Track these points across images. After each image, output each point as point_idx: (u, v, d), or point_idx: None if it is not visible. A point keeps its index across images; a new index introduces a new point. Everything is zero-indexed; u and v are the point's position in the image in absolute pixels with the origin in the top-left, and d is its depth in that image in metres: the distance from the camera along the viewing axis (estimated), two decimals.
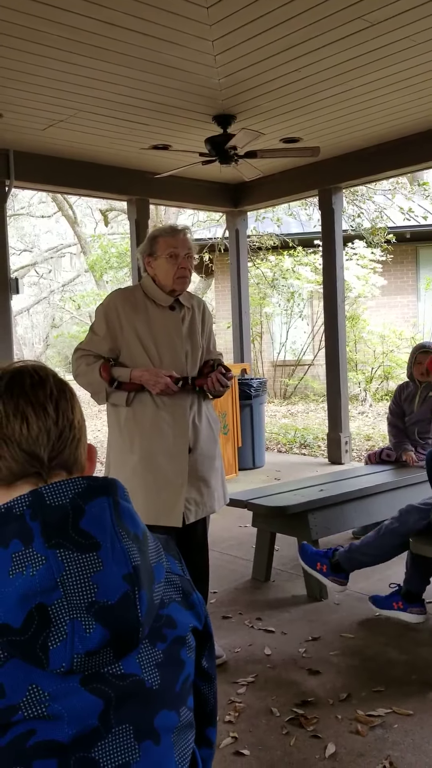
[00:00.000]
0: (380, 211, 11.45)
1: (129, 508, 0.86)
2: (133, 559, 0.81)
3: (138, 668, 0.83)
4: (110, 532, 0.81)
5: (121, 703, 0.80)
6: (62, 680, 0.77)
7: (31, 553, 0.77)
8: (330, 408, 7.05)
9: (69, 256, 21.57)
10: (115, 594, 0.78)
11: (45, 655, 0.75)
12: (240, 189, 7.43)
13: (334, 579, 3.26)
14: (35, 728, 0.75)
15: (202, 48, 3.90)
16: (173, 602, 0.91)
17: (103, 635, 0.77)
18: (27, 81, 4.29)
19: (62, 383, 0.93)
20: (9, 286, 5.82)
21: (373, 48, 4.02)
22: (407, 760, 2.19)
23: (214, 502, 2.81)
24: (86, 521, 0.80)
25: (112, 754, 0.79)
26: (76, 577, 0.77)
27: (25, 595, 0.75)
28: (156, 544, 0.91)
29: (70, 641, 0.75)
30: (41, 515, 0.79)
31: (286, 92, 4.70)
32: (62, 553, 0.77)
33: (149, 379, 2.65)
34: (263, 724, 2.43)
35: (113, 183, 6.44)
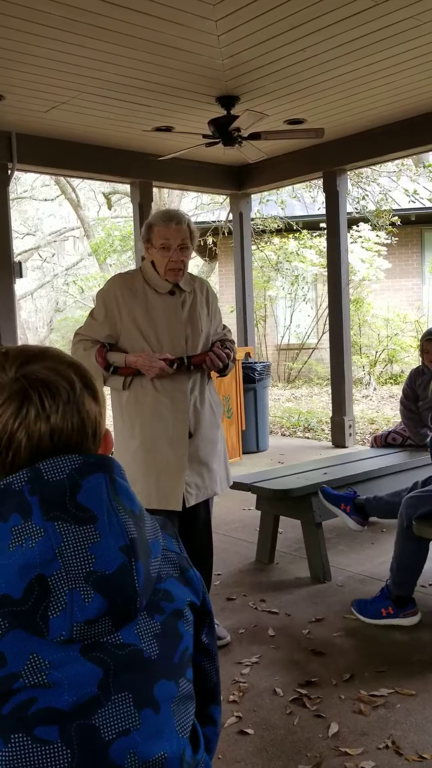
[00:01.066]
0: (385, 193, 11.37)
1: (125, 486, 0.87)
2: (130, 532, 0.83)
3: (137, 638, 0.85)
4: (107, 505, 0.83)
5: (120, 671, 0.82)
6: (62, 649, 0.79)
7: (30, 526, 0.79)
8: (334, 391, 7.05)
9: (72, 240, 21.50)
10: (113, 564, 0.80)
11: (45, 624, 0.77)
12: (244, 171, 7.38)
13: (357, 519, 3.41)
14: (36, 696, 0.77)
15: (205, 28, 3.86)
16: (170, 578, 0.93)
17: (101, 604, 0.79)
18: (29, 62, 4.25)
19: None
20: (12, 270, 5.81)
21: (378, 28, 3.97)
22: (409, 739, 2.22)
23: (216, 485, 2.83)
24: (83, 495, 0.82)
25: (112, 721, 0.81)
26: (74, 548, 0.79)
27: (25, 566, 0.77)
28: (153, 522, 0.92)
29: (69, 610, 0.78)
30: (39, 490, 0.81)
31: (291, 73, 4.65)
32: (60, 526, 0.79)
33: (143, 363, 2.64)
34: (267, 703, 2.46)
35: (116, 165, 6.41)
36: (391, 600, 3.01)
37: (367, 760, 2.11)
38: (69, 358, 0.93)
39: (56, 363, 0.90)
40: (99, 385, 0.95)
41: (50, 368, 0.89)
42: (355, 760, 2.12)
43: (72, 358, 0.93)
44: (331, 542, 4.06)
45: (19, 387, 0.86)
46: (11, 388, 0.86)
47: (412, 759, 2.12)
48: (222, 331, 2.97)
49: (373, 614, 3.03)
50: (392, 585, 3.03)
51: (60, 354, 0.93)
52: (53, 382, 0.88)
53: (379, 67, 4.61)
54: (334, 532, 4.29)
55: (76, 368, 0.92)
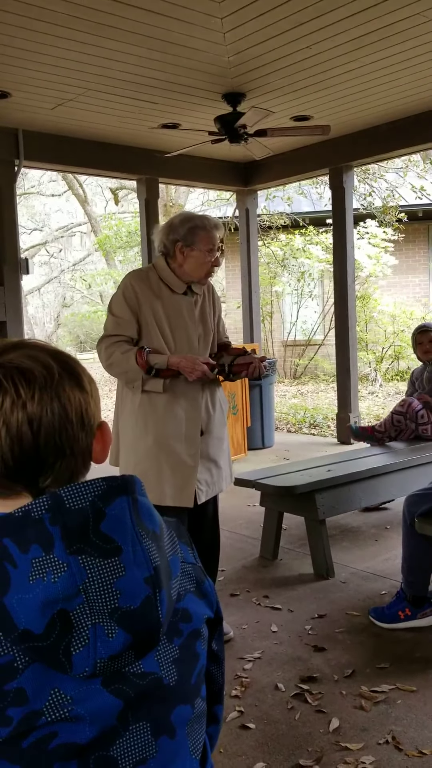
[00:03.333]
0: (392, 189, 11.34)
1: (147, 504, 0.84)
2: (154, 560, 0.80)
3: (156, 666, 0.83)
4: (131, 534, 0.79)
5: (139, 701, 0.81)
6: (84, 683, 0.77)
7: (52, 559, 0.75)
8: (340, 388, 7.05)
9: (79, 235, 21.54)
10: (138, 598, 0.78)
11: (68, 660, 0.75)
12: (250, 168, 7.38)
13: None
14: (57, 731, 0.75)
15: (211, 25, 3.86)
16: (188, 593, 0.91)
17: (125, 639, 0.77)
18: (35, 60, 4.27)
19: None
20: (19, 266, 5.84)
21: (384, 24, 3.97)
22: (409, 735, 2.23)
23: (223, 482, 2.88)
24: (107, 524, 0.78)
25: (129, 752, 0.80)
26: (99, 583, 0.76)
27: (47, 601, 0.74)
28: (170, 534, 0.89)
29: (93, 646, 0.75)
30: (61, 519, 0.77)
31: (297, 70, 4.65)
32: (84, 560, 0.76)
33: (186, 365, 2.65)
34: (269, 698, 2.48)
35: (123, 162, 6.42)
36: (408, 601, 2.99)
37: (367, 755, 2.13)
38: (49, 347, 0.90)
39: (33, 350, 0.87)
40: (83, 371, 0.91)
41: (26, 355, 0.86)
42: (356, 755, 2.14)
43: (53, 347, 0.90)
44: (334, 539, 4.08)
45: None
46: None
47: (412, 754, 2.14)
48: (224, 334, 3.01)
49: (392, 619, 2.99)
50: (406, 586, 3.02)
51: (39, 343, 0.90)
52: (28, 368, 0.84)
53: (385, 63, 4.60)
54: (338, 529, 4.31)
55: (55, 354, 0.89)
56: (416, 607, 2.98)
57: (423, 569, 3.01)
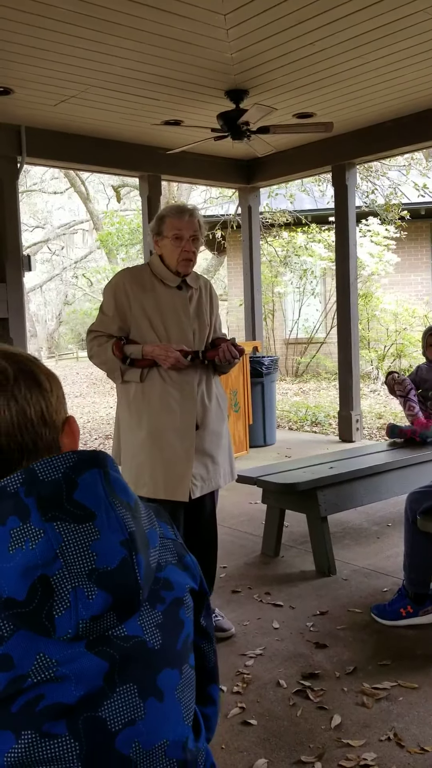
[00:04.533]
0: (394, 187, 11.32)
1: (119, 478, 0.88)
2: (128, 526, 0.84)
3: (140, 630, 0.86)
4: (104, 501, 0.83)
5: (125, 663, 0.84)
6: (68, 646, 0.80)
7: (29, 527, 0.79)
8: (341, 386, 7.05)
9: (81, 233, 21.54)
10: (114, 559, 0.81)
11: (51, 624, 0.78)
12: (252, 165, 7.37)
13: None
14: (43, 693, 0.78)
15: (214, 22, 3.86)
16: (169, 564, 0.95)
17: (105, 600, 0.80)
18: (38, 56, 4.26)
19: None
20: (21, 263, 5.84)
21: (387, 21, 3.96)
22: (411, 731, 2.23)
23: (220, 478, 2.86)
24: (80, 493, 0.82)
25: (118, 713, 0.83)
26: (75, 546, 0.79)
27: (27, 568, 0.77)
28: (147, 512, 0.93)
29: (74, 608, 0.78)
30: (36, 491, 0.81)
31: (300, 66, 4.64)
32: (59, 525, 0.79)
33: (160, 353, 2.68)
34: (270, 695, 2.48)
35: (125, 159, 6.42)
36: (410, 598, 2.98)
37: (368, 752, 2.13)
38: (6, 349, 0.93)
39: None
40: (43, 373, 0.94)
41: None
42: (357, 751, 2.14)
43: (9, 349, 0.94)
44: (336, 536, 4.08)
45: None
46: None
47: (414, 751, 2.13)
48: (221, 331, 3.01)
49: (394, 616, 2.99)
50: (408, 583, 3.01)
51: (3, 348, 0.93)
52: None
53: (388, 60, 4.59)
54: (340, 526, 4.31)
55: (9, 357, 0.92)
56: (418, 605, 2.97)
57: (425, 567, 3.00)
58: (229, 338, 2.91)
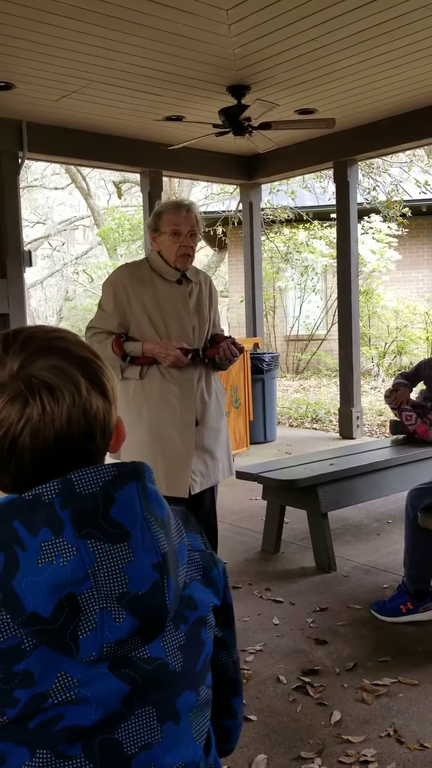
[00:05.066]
0: (396, 184, 11.30)
1: (155, 491, 0.84)
2: (162, 546, 0.81)
3: (163, 652, 0.84)
4: (140, 519, 0.80)
5: (146, 687, 0.81)
6: (91, 667, 0.78)
7: (62, 543, 0.75)
8: (342, 383, 7.05)
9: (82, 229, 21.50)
10: (145, 584, 0.78)
11: (75, 644, 0.75)
12: (254, 161, 7.36)
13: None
14: (63, 713, 0.76)
15: (216, 17, 3.85)
16: (194, 581, 0.91)
17: (132, 624, 0.77)
18: (39, 51, 4.25)
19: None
20: (22, 259, 5.83)
21: (390, 17, 3.94)
22: (411, 728, 2.24)
23: (219, 474, 2.87)
24: (116, 509, 0.79)
25: (135, 736, 0.80)
26: (107, 568, 0.76)
27: (56, 585, 0.74)
28: (177, 522, 0.89)
29: (100, 630, 0.76)
30: (71, 504, 0.77)
31: (302, 62, 4.63)
32: (93, 544, 0.76)
33: (160, 351, 2.68)
34: (270, 691, 2.49)
35: (126, 155, 6.40)
36: (410, 595, 2.98)
37: (368, 748, 2.13)
38: (77, 351, 0.86)
39: (61, 360, 0.83)
40: (108, 379, 0.88)
41: (53, 367, 0.82)
42: (357, 747, 2.14)
43: (81, 350, 0.87)
44: (336, 533, 4.08)
45: (20, 389, 0.80)
46: (12, 389, 0.80)
47: (414, 748, 2.14)
48: (219, 327, 3.01)
49: (393, 612, 2.99)
50: (408, 580, 3.01)
51: (67, 347, 0.86)
52: (56, 386, 0.81)
53: (390, 57, 4.58)
54: (340, 523, 4.31)
55: (83, 365, 0.85)
56: (418, 601, 2.98)
57: (425, 563, 3.00)
58: (228, 337, 2.91)
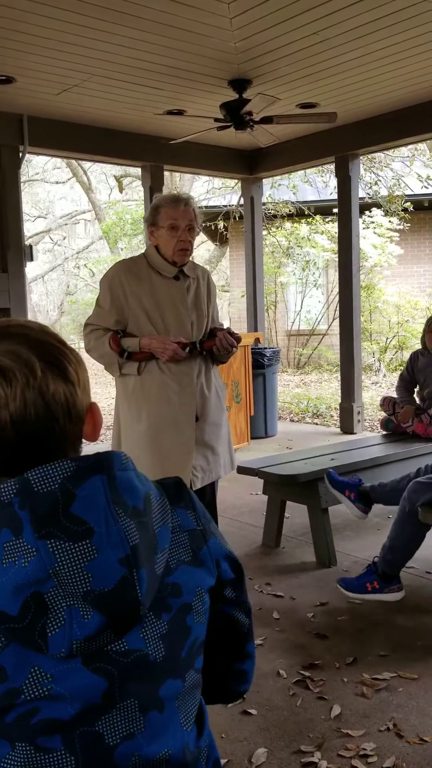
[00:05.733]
0: (398, 178, 11.28)
1: (127, 477, 0.82)
2: (131, 539, 0.78)
3: (142, 643, 0.82)
4: (104, 513, 0.78)
5: (124, 679, 0.80)
6: (64, 662, 0.77)
7: (22, 543, 0.75)
8: (343, 378, 7.05)
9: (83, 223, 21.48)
10: (112, 580, 0.77)
11: (44, 642, 0.75)
12: (255, 155, 7.34)
13: (360, 507, 3.37)
14: (39, 707, 0.76)
15: (217, 11, 3.83)
16: (182, 564, 0.88)
17: (100, 620, 0.76)
18: (40, 45, 4.24)
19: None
20: (23, 253, 5.83)
21: (393, 10, 3.93)
22: (411, 722, 2.24)
23: (220, 468, 2.87)
24: (78, 506, 0.77)
25: (116, 727, 0.80)
26: (69, 567, 0.75)
27: (19, 586, 0.74)
28: (161, 504, 0.87)
29: (68, 627, 0.75)
30: (30, 503, 0.76)
31: (304, 56, 4.61)
32: (53, 544, 0.75)
33: (158, 346, 2.67)
34: (270, 685, 2.50)
35: (127, 149, 6.39)
36: (378, 575, 3.06)
37: (368, 742, 2.14)
38: (35, 336, 0.85)
39: (15, 344, 0.83)
40: (70, 362, 0.87)
41: (6, 351, 0.82)
42: (357, 741, 2.15)
43: (41, 336, 0.86)
44: (337, 527, 4.08)
45: None
46: None
47: (413, 741, 2.15)
48: (217, 320, 3.00)
49: (359, 589, 3.08)
50: (381, 562, 3.07)
51: (23, 332, 0.85)
52: (9, 368, 0.81)
53: (392, 50, 4.56)
54: (341, 518, 4.31)
55: (40, 348, 0.84)
56: (385, 582, 3.04)
57: (404, 553, 3.06)
58: (225, 327, 2.91)
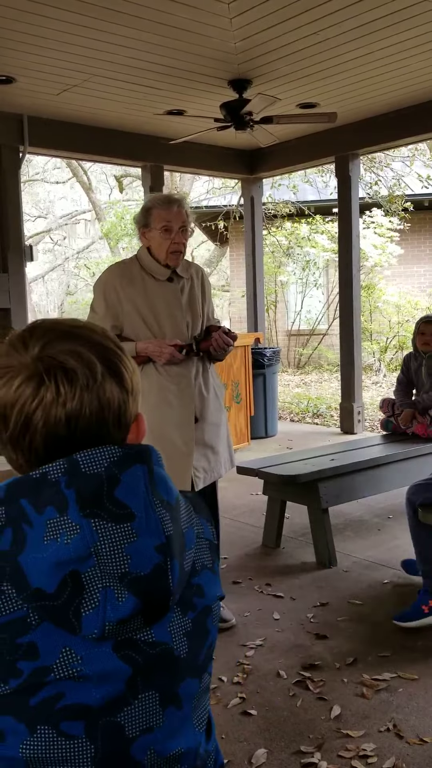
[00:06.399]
0: (398, 178, 11.27)
1: (163, 475, 0.85)
2: (167, 529, 0.82)
3: (169, 636, 0.84)
4: (144, 501, 0.81)
5: (149, 670, 0.82)
6: (95, 645, 0.78)
7: (66, 521, 0.77)
8: (343, 378, 7.04)
9: (84, 223, 21.47)
10: (148, 565, 0.79)
11: (78, 621, 0.77)
12: (255, 155, 7.34)
13: None
14: (64, 691, 0.77)
15: (218, 10, 3.83)
16: (205, 569, 0.92)
17: (135, 604, 0.79)
18: (40, 45, 4.23)
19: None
20: (23, 253, 5.82)
21: (393, 10, 3.92)
22: (411, 722, 2.24)
23: (221, 468, 2.87)
24: (121, 490, 0.80)
25: (137, 719, 0.81)
26: (110, 547, 0.78)
27: (59, 562, 0.76)
28: (187, 508, 0.90)
29: (102, 609, 0.77)
30: (76, 483, 0.79)
31: (304, 56, 4.61)
32: (97, 523, 0.78)
33: (154, 350, 2.66)
34: (271, 685, 2.49)
35: (127, 149, 6.39)
36: (430, 594, 2.88)
37: (368, 743, 2.14)
38: (98, 339, 0.88)
39: (79, 345, 0.86)
40: (128, 370, 0.90)
41: (71, 351, 0.85)
42: (357, 742, 2.15)
43: (103, 340, 0.89)
44: (337, 528, 4.08)
45: (37, 369, 0.83)
46: (29, 369, 0.83)
47: (413, 742, 2.15)
48: (213, 317, 2.99)
49: (415, 615, 2.86)
50: (424, 577, 2.94)
51: (89, 335, 0.88)
52: (72, 368, 0.84)
53: (393, 50, 4.56)
54: (341, 518, 4.31)
55: (102, 352, 0.87)
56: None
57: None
58: (220, 325, 2.90)
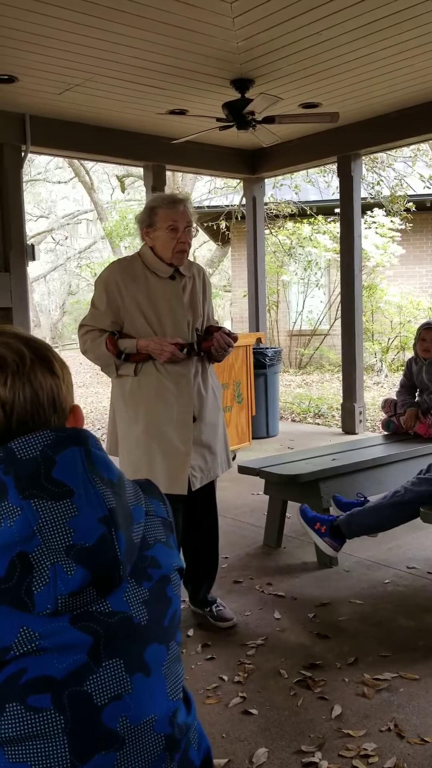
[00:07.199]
0: (400, 178, 11.27)
1: (102, 456, 0.89)
2: (108, 502, 0.85)
3: (126, 605, 0.88)
4: (82, 478, 0.85)
5: (111, 638, 0.85)
6: (52, 621, 0.82)
7: (7, 505, 0.81)
8: (345, 378, 7.04)
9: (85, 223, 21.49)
10: (92, 536, 0.83)
11: (30, 600, 0.80)
12: (257, 155, 7.34)
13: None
14: (26, 666, 0.80)
15: (220, 10, 3.83)
16: (158, 543, 0.96)
17: (84, 576, 0.82)
18: (43, 44, 4.24)
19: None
20: (25, 253, 5.83)
21: (396, 10, 3.92)
22: (412, 722, 2.24)
23: (218, 467, 2.87)
24: (58, 470, 0.84)
25: (104, 687, 0.84)
26: (52, 523, 0.81)
27: (5, 545, 0.80)
28: (134, 488, 0.95)
29: (53, 584, 0.80)
30: (13, 469, 0.83)
31: (307, 56, 4.61)
32: (36, 503, 0.81)
33: (155, 348, 2.66)
34: (272, 685, 2.49)
35: (130, 148, 6.39)
36: (330, 525, 3.14)
37: (369, 743, 2.14)
38: (23, 334, 0.96)
39: (7, 338, 0.94)
40: (55, 357, 0.97)
41: (1, 343, 0.92)
42: (357, 741, 2.15)
43: (27, 334, 0.97)
44: None
45: None
46: None
47: (414, 742, 2.14)
48: (213, 318, 2.99)
49: (310, 522, 3.18)
50: (343, 521, 3.16)
51: (15, 331, 0.96)
52: (1, 355, 0.91)
53: (395, 50, 4.55)
54: None
55: (28, 342, 0.95)
56: (332, 535, 3.13)
57: (367, 528, 3.17)
58: (221, 327, 2.90)
